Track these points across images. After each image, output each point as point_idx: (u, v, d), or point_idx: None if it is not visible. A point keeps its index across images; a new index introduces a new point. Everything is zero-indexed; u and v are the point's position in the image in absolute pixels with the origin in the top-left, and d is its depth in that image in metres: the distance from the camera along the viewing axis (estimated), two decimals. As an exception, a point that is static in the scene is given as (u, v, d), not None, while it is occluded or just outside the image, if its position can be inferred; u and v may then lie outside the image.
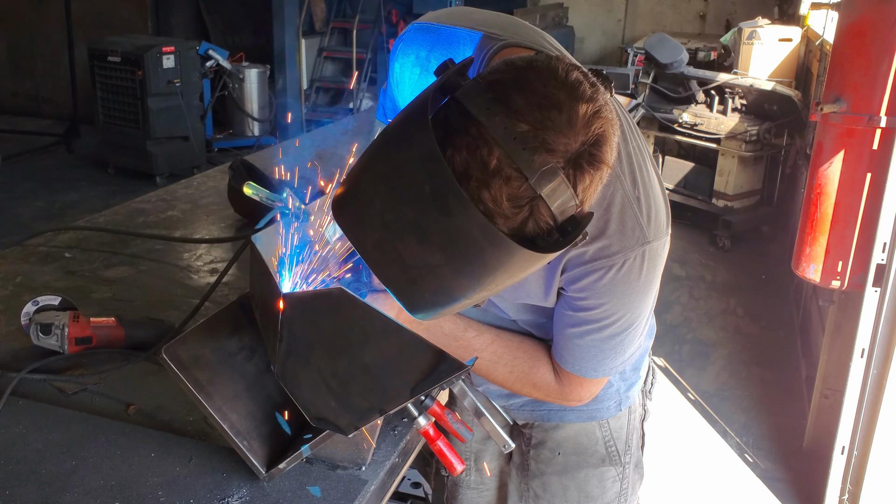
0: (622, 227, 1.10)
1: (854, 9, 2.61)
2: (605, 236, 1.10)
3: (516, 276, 0.92)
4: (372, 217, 0.89)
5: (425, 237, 0.87)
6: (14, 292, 1.91)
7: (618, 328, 1.18)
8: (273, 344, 1.19)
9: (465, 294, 0.91)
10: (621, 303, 1.15)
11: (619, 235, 1.10)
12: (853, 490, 2.71)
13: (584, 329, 1.19)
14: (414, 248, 0.87)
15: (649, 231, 1.11)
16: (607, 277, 1.11)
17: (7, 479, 1.24)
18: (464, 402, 1.43)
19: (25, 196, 6.25)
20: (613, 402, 1.45)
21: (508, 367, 1.30)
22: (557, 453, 1.47)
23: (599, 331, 1.18)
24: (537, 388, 1.31)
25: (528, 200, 0.86)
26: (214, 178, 2.94)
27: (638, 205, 1.11)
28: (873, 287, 2.54)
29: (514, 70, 0.89)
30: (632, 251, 1.10)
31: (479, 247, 0.85)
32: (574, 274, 1.14)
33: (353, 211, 0.92)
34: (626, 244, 1.10)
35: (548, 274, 1.17)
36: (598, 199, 1.06)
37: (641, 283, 1.13)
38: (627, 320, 1.18)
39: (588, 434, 1.47)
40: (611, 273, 1.11)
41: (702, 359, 3.98)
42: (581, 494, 1.48)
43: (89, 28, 7.65)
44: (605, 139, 0.89)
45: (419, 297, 0.92)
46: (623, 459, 1.49)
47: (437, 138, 0.84)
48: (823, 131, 2.65)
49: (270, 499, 1.24)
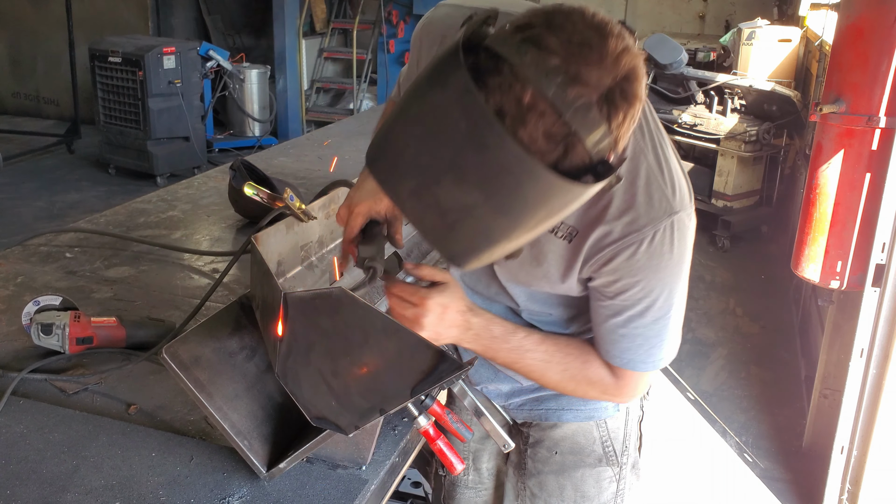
0: (649, 199, 1.10)
1: (853, 9, 2.61)
2: (632, 209, 1.10)
3: (553, 214, 0.91)
4: (407, 163, 0.89)
5: (462, 176, 0.86)
6: (15, 292, 1.91)
7: (658, 310, 1.16)
8: (273, 344, 1.19)
9: (504, 235, 0.90)
10: (656, 278, 1.13)
11: (647, 207, 1.10)
12: (852, 489, 2.72)
13: (627, 317, 1.17)
14: (451, 189, 0.87)
15: (675, 202, 1.11)
16: (639, 253, 1.10)
17: (8, 479, 1.25)
18: (464, 402, 1.44)
19: (26, 196, 6.25)
20: (611, 403, 1.46)
21: (562, 366, 1.26)
22: (555, 452, 1.48)
23: (641, 315, 1.16)
24: (593, 384, 1.27)
25: (562, 137, 0.86)
26: (215, 178, 2.95)
27: (662, 177, 1.11)
28: (872, 287, 2.54)
29: (541, 14, 0.90)
30: (660, 222, 1.10)
31: (517, 181, 0.85)
32: (604, 255, 1.13)
33: (387, 160, 0.91)
34: (653, 216, 1.10)
35: (569, 254, 1.17)
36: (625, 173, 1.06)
37: (674, 257, 1.13)
38: (666, 300, 1.16)
39: (585, 434, 1.47)
40: (642, 248, 1.10)
41: (701, 358, 3.98)
42: (577, 494, 1.49)
43: (90, 29, 7.66)
44: (636, 75, 0.90)
45: (459, 242, 0.91)
46: (620, 460, 1.49)
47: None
48: (823, 131, 2.65)
49: (271, 498, 1.24)
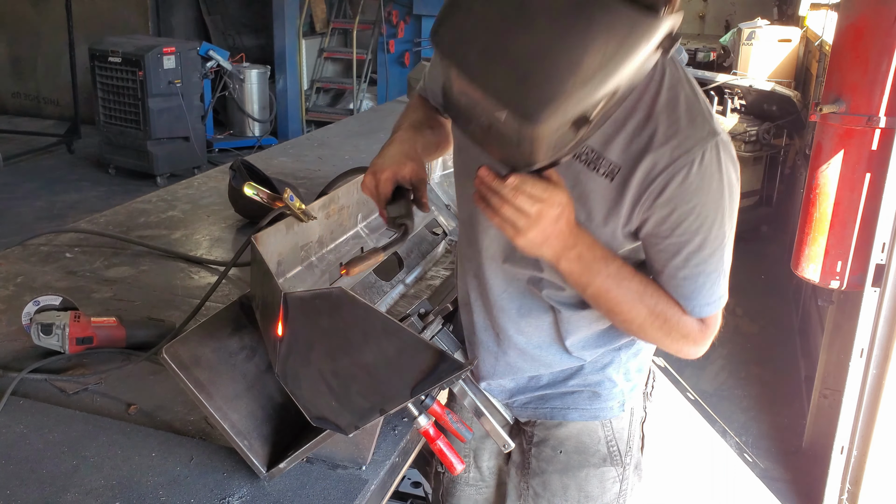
0: (692, 121, 1.13)
1: (853, 9, 2.61)
2: (678, 133, 1.13)
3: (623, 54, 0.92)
4: (473, 24, 0.92)
5: (530, 20, 0.89)
6: (15, 292, 1.92)
7: (714, 240, 1.17)
8: (273, 344, 1.19)
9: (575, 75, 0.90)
10: (710, 202, 1.15)
11: (691, 130, 1.13)
12: (852, 489, 2.72)
13: (685, 255, 1.18)
14: (519, 37, 0.89)
15: (715, 125, 1.14)
16: (691, 175, 1.12)
17: (8, 479, 1.25)
18: (464, 402, 1.44)
19: (27, 196, 6.25)
20: (617, 403, 1.46)
21: (654, 300, 1.22)
22: (559, 451, 1.48)
23: (699, 250, 1.17)
24: (678, 327, 1.24)
25: None
26: (215, 178, 2.95)
27: (699, 104, 1.15)
28: (872, 287, 2.54)
29: None
30: (706, 142, 1.12)
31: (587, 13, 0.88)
32: (656, 187, 1.14)
33: (452, 26, 0.94)
34: (699, 136, 1.13)
35: (614, 194, 1.17)
36: (666, 101, 1.13)
37: (723, 179, 1.14)
38: (719, 228, 1.17)
39: (591, 433, 1.47)
40: (693, 170, 1.12)
41: (701, 358, 3.95)
42: (581, 494, 1.48)
43: (90, 29, 7.66)
44: None
45: (531, 93, 0.91)
46: (624, 460, 1.49)
47: None
48: (822, 132, 2.66)
49: (271, 498, 1.24)
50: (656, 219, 1.17)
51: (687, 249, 1.17)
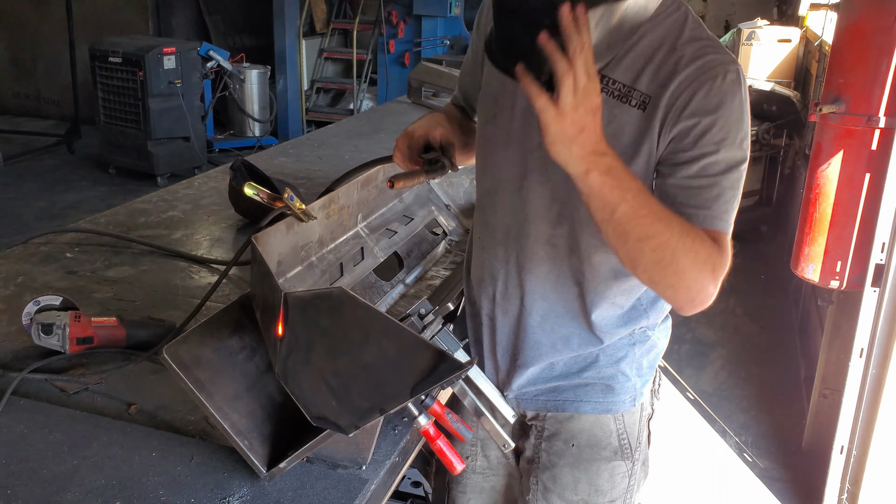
0: (716, 49, 1.24)
1: (853, 9, 2.61)
2: (704, 56, 1.22)
3: None
4: None
5: None
6: (15, 292, 1.92)
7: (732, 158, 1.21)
8: (274, 344, 1.20)
9: None
10: (731, 114, 1.21)
11: (716, 53, 1.23)
12: (852, 489, 2.72)
13: (704, 164, 1.20)
14: None
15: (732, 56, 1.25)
16: (715, 87, 1.20)
17: (8, 479, 1.25)
18: (464, 402, 1.45)
19: (27, 196, 6.26)
20: (629, 397, 1.46)
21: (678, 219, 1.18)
22: (571, 444, 1.48)
23: (718, 162, 1.20)
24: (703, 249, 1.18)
25: None
26: (215, 178, 2.95)
27: (719, 42, 1.26)
28: (872, 287, 2.54)
29: None
30: (729, 65, 1.22)
31: None
32: (683, 100, 1.21)
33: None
34: (722, 59, 1.22)
35: (644, 122, 1.23)
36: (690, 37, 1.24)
37: (744, 101, 1.22)
38: (738, 148, 1.22)
39: (603, 426, 1.47)
40: (717, 83, 1.20)
41: (701, 358, 3.98)
42: (591, 488, 1.48)
43: (90, 29, 7.67)
44: None
45: None
46: (634, 455, 1.49)
47: None
48: (822, 132, 2.66)
49: (271, 498, 1.25)
50: (680, 131, 1.22)
51: (707, 160, 1.21)
